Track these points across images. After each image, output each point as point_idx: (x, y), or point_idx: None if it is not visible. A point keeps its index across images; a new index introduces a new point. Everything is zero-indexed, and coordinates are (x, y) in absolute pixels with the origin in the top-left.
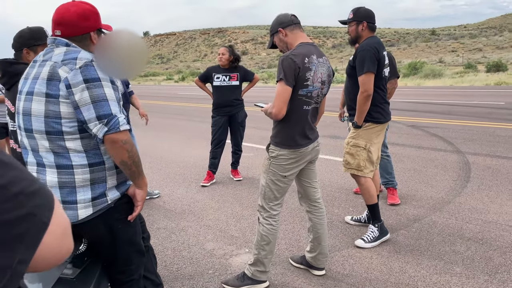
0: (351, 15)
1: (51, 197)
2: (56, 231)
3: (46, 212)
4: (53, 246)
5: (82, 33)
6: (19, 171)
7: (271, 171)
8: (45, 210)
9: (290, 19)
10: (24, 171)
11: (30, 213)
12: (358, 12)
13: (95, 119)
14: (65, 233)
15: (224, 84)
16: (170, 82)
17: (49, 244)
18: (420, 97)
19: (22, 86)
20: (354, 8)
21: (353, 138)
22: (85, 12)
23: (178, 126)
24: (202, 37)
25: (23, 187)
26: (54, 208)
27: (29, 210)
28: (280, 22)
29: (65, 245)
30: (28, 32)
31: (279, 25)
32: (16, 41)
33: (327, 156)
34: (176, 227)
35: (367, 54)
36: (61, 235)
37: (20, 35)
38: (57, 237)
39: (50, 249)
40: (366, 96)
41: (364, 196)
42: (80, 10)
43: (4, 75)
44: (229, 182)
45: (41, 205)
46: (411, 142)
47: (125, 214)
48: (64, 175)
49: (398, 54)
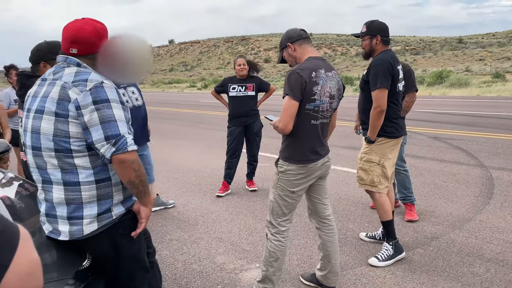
0: (364, 28)
1: (14, 236)
2: (19, 271)
3: (7, 254)
4: (16, 286)
5: (97, 52)
6: None
7: (279, 186)
8: (6, 252)
9: (299, 34)
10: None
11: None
12: (372, 26)
13: (103, 139)
14: (30, 273)
15: (240, 94)
16: (193, 90)
17: (11, 284)
18: (444, 107)
19: (30, 104)
20: (367, 22)
21: (366, 153)
22: (99, 31)
23: (197, 134)
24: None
25: None
26: (17, 248)
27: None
28: (288, 37)
29: (31, 284)
30: (45, 46)
31: (288, 40)
32: (34, 54)
33: (344, 168)
34: (188, 238)
35: (380, 69)
36: (25, 275)
37: (38, 48)
38: (21, 277)
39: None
40: (379, 111)
41: (379, 212)
42: (95, 29)
43: (21, 87)
44: (244, 193)
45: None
46: (432, 155)
47: (129, 230)
48: (71, 191)
49: (423, 63)
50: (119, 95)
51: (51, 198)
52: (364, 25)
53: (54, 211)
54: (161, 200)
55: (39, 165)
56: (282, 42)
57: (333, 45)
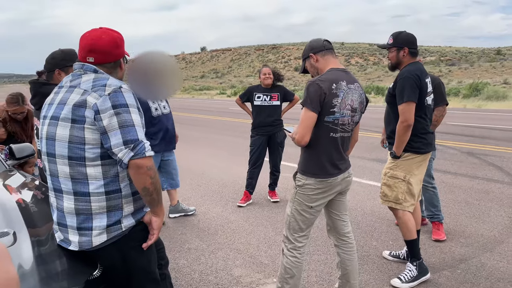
0: (391, 40)
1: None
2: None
3: None
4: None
5: (114, 60)
6: None
7: (297, 200)
8: None
9: (322, 44)
10: None
11: None
12: (399, 38)
13: (121, 143)
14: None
15: (265, 104)
16: (223, 97)
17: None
18: (479, 121)
19: (46, 111)
20: (394, 33)
21: (390, 169)
22: (116, 40)
23: (223, 142)
24: (256, 53)
25: None
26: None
27: None
28: (311, 48)
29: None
30: (60, 54)
31: (311, 51)
32: (49, 62)
33: (370, 182)
34: (206, 248)
35: (407, 82)
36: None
37: (53, 56)
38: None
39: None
40: (406, 126)
41: (402, 231)
42: (112, 38)
43: (35, 95)
44: (266, 203)
45: None
46: (464, 171)
47: (139, 242)
48: (81, 202)
49: (459, 74)
50: (136, 101)
51: (62, 207)
52: (391, 36)
53: (65, 220)
54: (182, 206)
55: (53, 172)
56: (304, 52)
57: (365, 54)
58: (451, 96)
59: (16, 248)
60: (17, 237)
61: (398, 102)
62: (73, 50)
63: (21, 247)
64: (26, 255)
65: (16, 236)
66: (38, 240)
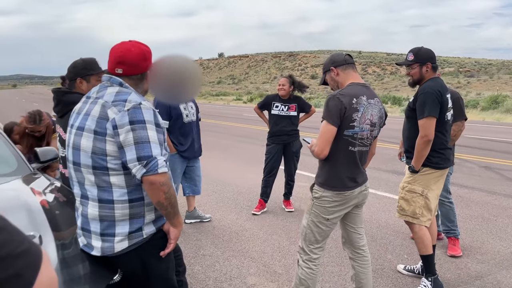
0: (411, 56)
1: (38, 256)
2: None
3: (32, 272)
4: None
5: (141, 73)
6: (9, 234)
7: (313, 212)
8: (31, 270)
9: (344, 58)
10: (13, 232)
11: (16, 274)
12: (420, 53)
13: (135, 159)
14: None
15: (283, 113)
16: (239, 103)
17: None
18: (498, 135)
19: (73, 120)
20: (414, 49)
21: (408, 183)
22: (144, 53)
23: (238, 148)
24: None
25: (11, 250)
26: (40, 267)
27: (16, 271)
28: (333, 61)
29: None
30: (81, 63)
31: (332, 64)
32: (70, 71)
33: (386, 194)
34: (221, 255)
35: (429, 97)
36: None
37: (74, 65)
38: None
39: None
40: (426, 141)
41: (418, 246)
42: (140, 51)
43: (58, 103)
44: (280, 212)
45: (27, 266)
46: (482, 186)
47: (159, 249)
48: (105, 209)
49: (477, 86)
50: (155, 117)
51: (86, 213)
52: (411, 53)
53: (89, 226)
54: (198, 213)
55: (79, 179)
56: (325, 65)
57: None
58: (469, 108)
59: None
60: (43, 240)
61: (419, 116)
62: (93, 59)
63: (46, 250)
64: (51, 258)
65: (42, 239)
66: (62, 244)
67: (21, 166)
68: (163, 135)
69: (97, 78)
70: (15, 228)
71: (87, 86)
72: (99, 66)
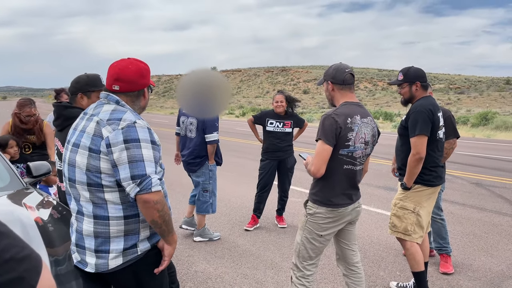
0: (401, 76)
1: (39, 262)
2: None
3: (34, 276)
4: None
5: (138, 90)
6: (12, 239)
7: (307, 228)
8: (33, 274)
9: (343, 79)
10: (16, 238)
11: (20, 276)
12: (409, 73)
13: (129, 178)
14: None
15: (278, 130)
16: (231, 117)
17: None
18: (488, 151)
19: (70, 136)
20: (403, 69)
21: (400, 200)
22: (142, 70)
23: (230, 163)
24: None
25: (14, 254)
26: (41, 272)
27: (19, 274)
28: (333, 76)
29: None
30: (85, 79)
31: (331, 78)
32: (73, 86)
33: (378, 210)
34: (213, 272)
35: (420, 115)
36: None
37: (78, 80)
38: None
39: None
40: (418, 158)
41: (410, 262)
42: (138, 68)
43: (58, 117)
44: (273, 228)
45: (29, 270)
46: (473, 202)
47: (153, 266)
48: (100, 225)
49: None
50: (151, 135)
51: (81, 229)
52: (400, 73)
53: (83, 242)
54: (195, 221)
55: (74, 195)
56: (326, 74)
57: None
58: (459, 124)
59: None
60: None
61: (411, 134)
62: (97, 75)
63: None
64: None
65: None
66: (55, 260)
67: (14, 181)
68: (159, 153)
69: (98, 94)
70: (16, 235)
71: (87, 102)
72: (102, 83)
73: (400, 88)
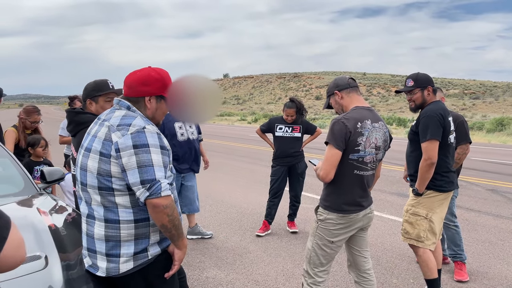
0: (411, 82)
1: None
2: (13, 244)
3: (5, 230)
4: (11, 253)
5: (137, 96)
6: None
7: (318, 234)
8: (4, 229)
9: (347, 82)
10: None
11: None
12: (419, 78)
13: (138, 183)
14: (19, 246)
15: (287, 135)
16: (243, 123)
17: (8, 251)
18: (504, 157)
19: (83, 141)
20: (412, 75)
21: (413, 206)
22: (148, 78)
23: (243, 169)
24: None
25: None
26: (10, 228)
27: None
28: (337, 85)
29: (19, 253)
30: (92, 85)
31: (336, 88)
32: (83, 92)
33: (391, 216)
34: (224, 278)
35: (431, 120)
36: (17, 247)
37: (86, 87)
38: (13, 248)
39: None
40: (429, 163)
41: (422, 270)
42: (144, 75)
43: (70, 123)
44: (285, 234)
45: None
46: (488, 209)
47: (163, 271)
48: (110, 229)
49: (483, 108)
50: (160, 140)
51: (92, 233)
52: (409, 79)
53: (94, 246)
54: (199, 229)
55: (86, 199)
56: (329, 89)
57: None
58: (474, 130)
59: (47, 272)
60: (49, 260)
61: (422, 139)
62: (105, 80)
63: (51, 271)
64: (56, 279)
65: (47, 260)
66: (67, 265)
67: (28, 186)
68: (169, 157)
69: (105, 98)
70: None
71: (95, 107)
72: (109, 86)
73: (411, 95)
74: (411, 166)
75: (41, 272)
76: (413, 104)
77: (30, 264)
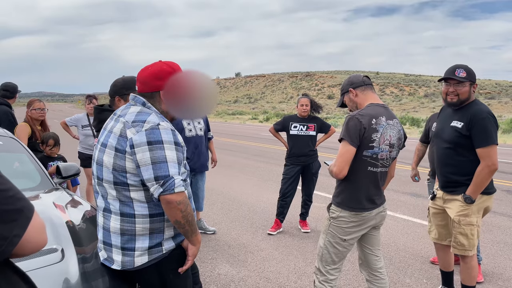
0: (463, 73)
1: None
2: (36, 226)
3: (30, 213)
4: (34, 235)
5: (151, 91)
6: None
7: (330, 232)
8: (29, 210)
9: (362, 80)
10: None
11: (20, 209)
12: (472, 72)
13: (152, 179)
14: (42, 229)
15: (301, 133)
16: (255, 122)
17: (31, 233)
18: None
19: (100, 135)
20: (463, 65)
21: (466, 216)
22: (160, 72)
23: (255, 168)
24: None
25: (14, 194)
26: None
27: (19, 207)
28: (351, 83)
29: (41, 237)
30: (121, 82)
31: (350, 85)
32: (111, 89)
33: (405, 216)
34: (236, 275)
35: (489, 123)
36: (39, 229)
37: (115, 84)
38: (36, 229)
39: (32, 236)
40: (493, 170)
41: (466, 276)
42: (156, 70)
43: (95, 120)
44: (296, 232)
45: (26, 207)
46: (504, 210)
47: (177, 265)
48: (126, 222)
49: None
50: (174, 137)
51: (108, 227)
52: (461, 69)
53: (110, 239)
54: (202, 224)
55: (102, 193)
56: (343, 87)
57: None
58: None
59: (63, 265)
60: (65, 253)
61: (481, 144)
62: (133, 77)
63: (68, 264)
64: (73, 272)
65: (64, 253)
66: (83, 258)
67: (44, 181)
68: (183, 154)
69: None
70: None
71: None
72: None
73: (458, 86)
74: (450, 170)
75: (57, 265)
76: (455, 98)
77: (47, 256)
